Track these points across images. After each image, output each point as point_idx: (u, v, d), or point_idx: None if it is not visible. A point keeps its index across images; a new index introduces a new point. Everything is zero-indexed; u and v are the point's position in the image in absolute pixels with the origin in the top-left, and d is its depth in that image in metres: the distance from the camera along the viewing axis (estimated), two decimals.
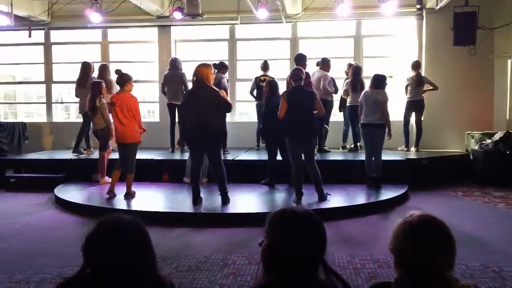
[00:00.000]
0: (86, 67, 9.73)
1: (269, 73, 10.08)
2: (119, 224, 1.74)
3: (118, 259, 1.65)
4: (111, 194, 7.28)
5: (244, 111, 11.80)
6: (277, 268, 1.71)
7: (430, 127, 10.33)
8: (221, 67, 9.60)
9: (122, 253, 1.66)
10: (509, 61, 10.49)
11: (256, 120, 10.25)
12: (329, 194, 7.08)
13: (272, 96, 7.80)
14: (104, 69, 9.90)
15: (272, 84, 8.07)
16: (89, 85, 8.80)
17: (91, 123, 8.71)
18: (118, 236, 1.69)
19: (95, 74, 9.84)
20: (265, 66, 10.12)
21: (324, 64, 9.61)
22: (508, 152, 8.89)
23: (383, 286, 1.84)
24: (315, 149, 7.68)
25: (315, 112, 6.82)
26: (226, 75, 9.79)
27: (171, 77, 9.76)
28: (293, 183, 7.02)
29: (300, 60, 9.03)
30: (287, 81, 9.08)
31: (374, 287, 1.87)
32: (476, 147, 9.54)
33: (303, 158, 6.89)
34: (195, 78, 6.56)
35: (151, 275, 1.74)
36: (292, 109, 6.71)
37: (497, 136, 9.20)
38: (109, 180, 7.88)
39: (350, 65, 9.96)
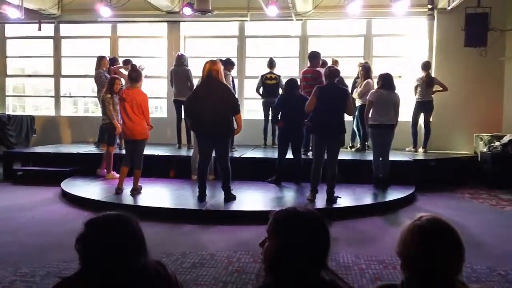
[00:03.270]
0: (100, 61, 9.71)
1: (276, 71, 10.05)
2: (105, 222, 1.76)
3: (108, 257, 1.68)
4: (119, 191, 7.28)
5: (251, 109, 11.78)
6: (280, 269, 1.69)
7: (439, 128, 10.23)
8: (227, 64, 9.52)
9: (111, 250, 1.68)
10: None
11: (263, 118, 10.23)
12: (339, 197, 6.91)
13: (289, 94, 7.75)
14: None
15: (290, 82, 8.01)
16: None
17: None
18: (105, 235, 1.71)
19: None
20: (271, 64, 10.09)
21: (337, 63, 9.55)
22: None
23: None
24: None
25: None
26: (232, 72, 9.56)
27: (176, 73, 9.75)
28: (311, 179, 6.89)
29: (314, 57, 8.95)
30: (300, 79, 9.07)
31: None
32: (485, 150, 9.46)
33: (326, 155, 6.81)
34: (206, 74, 6.47)
35: (143, 269, 1.74)
36: (323, 106, 6.63)
37: (506, 139, 9.13)
38: (117, 175, 7.90)
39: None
